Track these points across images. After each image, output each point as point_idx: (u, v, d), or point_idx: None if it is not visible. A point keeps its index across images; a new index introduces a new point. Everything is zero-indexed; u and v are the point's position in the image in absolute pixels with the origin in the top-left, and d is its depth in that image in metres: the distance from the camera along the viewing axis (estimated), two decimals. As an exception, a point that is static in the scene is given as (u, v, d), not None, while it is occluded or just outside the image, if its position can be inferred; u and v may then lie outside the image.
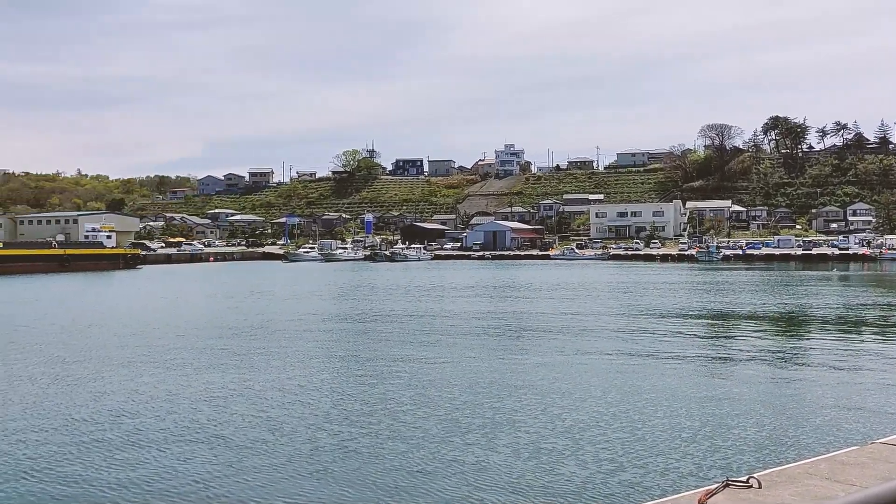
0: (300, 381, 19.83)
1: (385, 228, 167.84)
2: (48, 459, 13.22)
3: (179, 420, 15.85)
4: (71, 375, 20.96)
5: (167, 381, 19.97)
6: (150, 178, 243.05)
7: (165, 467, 12.75)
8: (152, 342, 27.49)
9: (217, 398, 17.89)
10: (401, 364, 22.53)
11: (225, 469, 12.66)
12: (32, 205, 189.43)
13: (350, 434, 14.71)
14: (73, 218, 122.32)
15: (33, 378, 20.61)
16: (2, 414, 16.49)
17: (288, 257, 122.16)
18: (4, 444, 14.21)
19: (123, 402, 17.52)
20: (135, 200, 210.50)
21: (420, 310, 39.68)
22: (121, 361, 23.25)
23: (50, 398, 18.06)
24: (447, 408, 16.77)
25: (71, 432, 14.98)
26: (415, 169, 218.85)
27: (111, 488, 11.79)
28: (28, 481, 12.14)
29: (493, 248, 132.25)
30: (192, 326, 32.56)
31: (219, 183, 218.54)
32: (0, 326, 32.86)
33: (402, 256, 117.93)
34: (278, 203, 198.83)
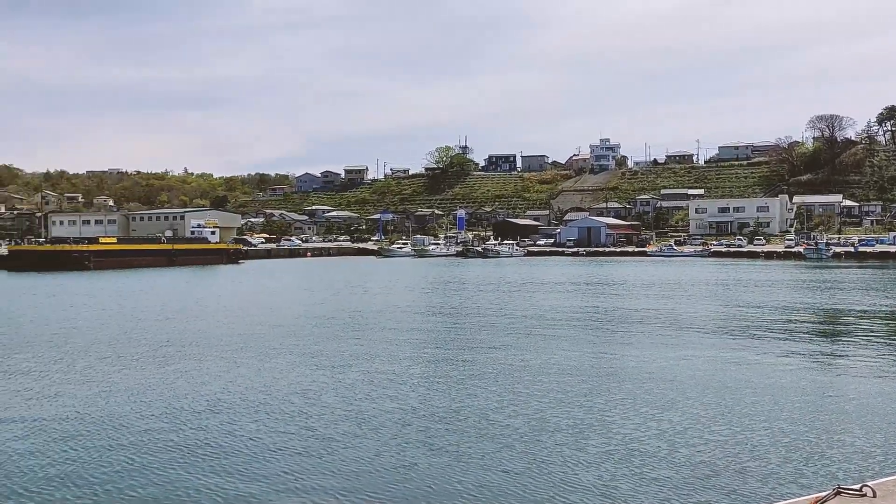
0: (389, 376, 19.93)
1: (477, 224, 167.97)
2: (150, 445, 13.73)
3: (272, 411, 16.18)
4: (175, 364, 21.82)
5: (262, 373, 20.48)
6: (251, 175, 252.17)
7: (258, 457, 13.01)
8: (251, 334, 28.33)
9: (309, 390, 18.19)
10: (489, 360, 22.32)
11: (313, 461, 12.80)
12: (144, 202, 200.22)
13: (437, 431, 14.61)
14: (180, 214, 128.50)
15: (140, 366, 21.58)
16: (109, 400, 17.30)
17: (381, 253, 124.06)
18: (111, 428, 14.88)
19: (221, 392, 18.06)
20: (237, 197, 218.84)
21: (510, 306, 39.35)
22: (220, 352, 24.04)
23: (153, 386, 18.82)
24: (536, 406, 16.44)
25: (171, 420, 15.54)
26: (507, 164, 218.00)
27: (205, 475, 12.11)
28: (132, 465, 12.64)
29: (587, 244, 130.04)
30: (289, 319, 33.39)
31: (316, 180, 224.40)
32: (114, 316, 34.68)
33: (494, 253, 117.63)
34: (372, 200, 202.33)
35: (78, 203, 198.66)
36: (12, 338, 27.66)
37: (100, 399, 17.41)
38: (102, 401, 17.23)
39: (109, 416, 15.90)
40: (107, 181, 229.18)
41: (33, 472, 12.34)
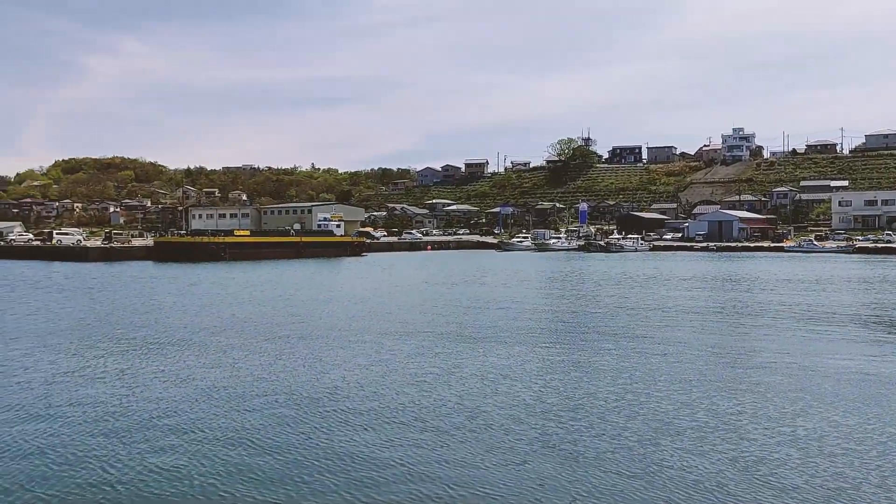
0: (503, 370, 19.66)
1: (600, 218, 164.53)
2: (270, 429, 14.14)
3: (387, 402, 16.30)
4: (297, 352, 22.50)
5: (379, 363, 20.73)
6: (374, 170, 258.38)
7: (371, 447, 13.10)
8: (369, 325, 28.84)
9: (423, 382, 18.21)
10: (607, 358, 21.59)
11: (425, 453, 12.74)
12: (274, 196, 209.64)
13: (549, 428, 14.22)
14: (307, 208, 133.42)
15: (266, 351, 22.39)
16: (235, 383, 18.01)
17: (501, 246, 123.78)
18: (236, 408, 15.45)
19: (339, 381, 18.40)
20: (360, 192, 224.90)
21: (631, 301, 38.07)
22: (339, 342, 24.59)
23: (277, 372, 19.45)
24: (656, 407, 15.71)
25: (293, 405, 15.97)
26: (632, 156, 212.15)
27: (318, 461, 12.31)
28: (251, 446, 13.03)
29: (717, 238, 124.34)
30: (408, 311, 33.78)
31: (436, 174, 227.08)
32: (245, 305, 36.32)
33: (617, 247, 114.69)
34: (492, 193, 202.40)
35: (215, 197, 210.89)
36: (155, 322, 29.47)
37: (227, 381, 18.15)
38: (230, 383, 17.95)
39: (235, 397, 16.56)
40: (241, 177, 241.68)
41: (168, 447, 12.96)
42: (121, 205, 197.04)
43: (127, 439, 13.61)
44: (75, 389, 17.60)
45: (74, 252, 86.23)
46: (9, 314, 32.90)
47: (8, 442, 13.46)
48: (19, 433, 14.00)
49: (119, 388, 17.68)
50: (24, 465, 12.24)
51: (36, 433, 14.01)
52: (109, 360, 21.43)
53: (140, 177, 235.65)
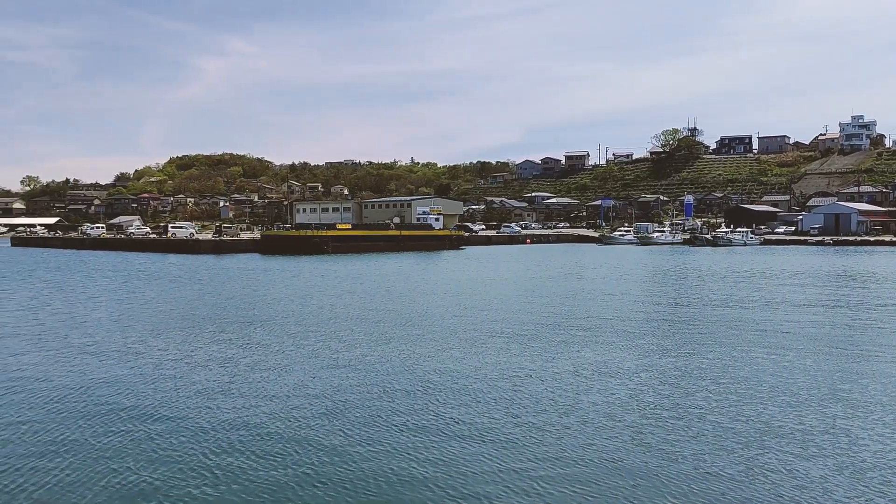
0: (599, 367, 19.17)
1: (707, 211, 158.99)
2: (363, 421, 14.30)
3: (479, 396, 16.19)
4: (393, 343, 22.73)
5: (472, 357, 20.66)
6: (473, 164, 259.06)
7: (462, 441, 13.02)
8: (465, 318, 28.81)
9: (515, 377, 18.00)
10: (710, 355, 20.70)
11: (517, 448, 12.57)
12: (374, 190, 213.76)
13: (646, 427, 13.74)
14: (406, 202, 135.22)
15: (361, 343, 22.73)
16: (331, 374, 18.36)
17: (602, 240, 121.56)
18: (331, 399, 15.73)
19: (431, 373, 18.45)
20: (459, 185, 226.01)
21: (736, 298, 36.43)
22: (435, 334, 24.68)
23: (371, 364, 19.69)
24: (761, 409, 14.93)
25: (386, 398, 16.12)
26: (742, 147, 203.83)
27: (408, 454, 12.33)
28: (344, 437, 13.22)
29: (834, 232, 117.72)
30: (503, 304, 33.56)
31: (535, 167, 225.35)
32: (345, 296, 37.09)
33: (725, 241, 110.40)
34: (593, 186, 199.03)
35: (318, 192, 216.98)
36: (259, 313, 30.51)
37: (324, 372, 18.53)
38: (326, 374, 18.31)
39: (330, 387, 16.86)
40: (343, 171, 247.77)
41: (266, 437, 13.32)
42: (230, 199, 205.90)
43: (227, 425, 14.07)
44: (182, 376, 18.39)
45: (187, 245, 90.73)
46: (125, 303, 34.86)
47: (118, 423, 14.17)
48: (130, 415, 14.72)
49: (221, 375, 18.34)
50: (141, 448, 12.84)
51: (145, 417, 14.70)
52: (213, 348, 22.30)
53: (248, 172, 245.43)
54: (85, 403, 15.68)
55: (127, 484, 11.13)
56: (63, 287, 44.02)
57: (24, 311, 32.17)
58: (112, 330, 26.09)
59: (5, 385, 17.36)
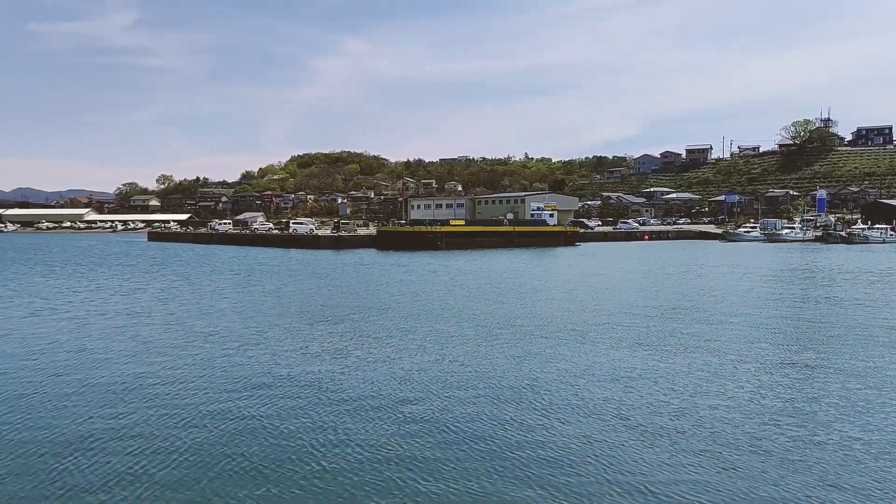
0: (715, 368, 18.24)
1: (841, 206, 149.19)
2: (467, 417, 14.24)
3: (588, 396, 15.76)
4: (501, 339, 22.56)
5: (581, 355, 20.20)
6: (589, 159, 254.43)
7: (569, 441, 12.70)
8: (577, 315, 28.23)
9: (627, 377, 17.42)
10: (836, 361, 19.27)
11: (626, 452, 12.15)
12: (488, 186, 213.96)
13: (765, 433, 12.93)
14: (520, 198, 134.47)
15: (468, 337, 22.68)
16: (437, 368, 18.41)
17: (726, 237, 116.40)
18: (436, 394, 15.76)
19: (539, 371, 18.15)
20: (574, 181, 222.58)
21: (871, 299, 33.80)
22: (545, 330, 24.30)
23: (479, 359, 19.61)
24: (891, 420, 13.65)
25: (492, 395, 15.99)
26: (881, 137, 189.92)
27: (511, 453, 12.13)
28: (448, 432, 13.19)
29: None
30: (617, 301, 32.66)
31: (654, 161, 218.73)
32: (456, 290, 37.24)
33: (861, 238, 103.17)
34: (716, 180, 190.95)
35: (432, 188, 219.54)
36: (372, 306, 31.13)
37: (431, 366, 18.61)
38: (433, 368, 18.38)
39: (438, 384, 16.87)
40: (456, 167, 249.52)
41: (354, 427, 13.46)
42: (348, 196, 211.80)
43: (335, 416, 14.34)
44: (295, 365, 18.96)
45: (307, 240, 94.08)
46: (248, 295, 36.42)
47: (231, 409, 14.71)
48: (245, 402, 15.28)
49: (332, 366, 18.78)
50: (247, 436, 13.27)
51: (258, 405, 15.21)
52: (327, 339, 22.90)
53: (365, 170, 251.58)
54: (206, 390, 16.41)
55: (243, 466, 11.51)
56: (192, 279, 46.57)
57: (155, 301, 34.23)
58: (234, 320, 27.29)
59: (134, 371, 18.44)
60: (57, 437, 13.06)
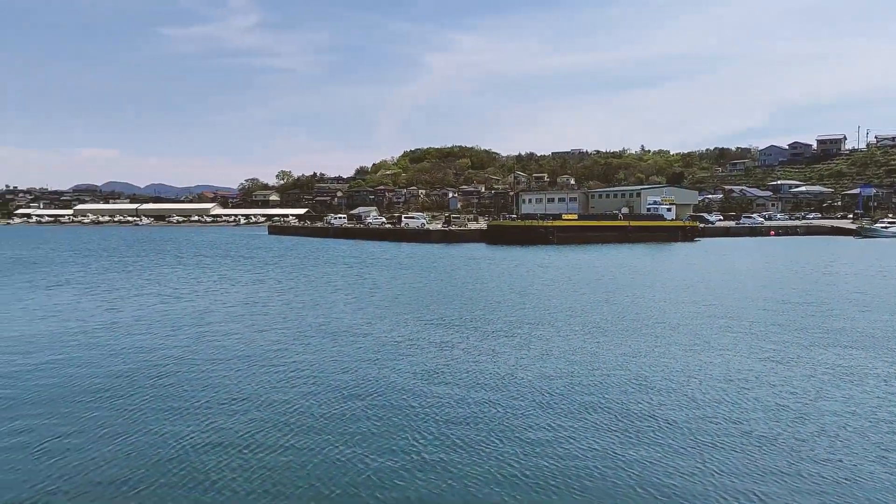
0: (840, 372, 17.04)
1: None
2: (568, 416, 13.91)
3: (697, 398, 15.09)
4: (608, 336, 21.98)
5: (693, 355, 19.39)
6: (710, 150, 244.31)
7: (675, 446, 12.14)
8: (691, 312, 27.11)
9: (740, 379, 16.56)
10: None
11: (739, 461, 11.48)
12: (602, 180, 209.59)
13: (893, 443, 11.78)
14: (636, 192, 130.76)
15: (576, 334, 22.22)
16: (540, 365, 18.10)
17: (861, 233, 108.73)
18: (536, 393, 15.48)
19: (645, 371, 17.55)
20: (694, 173, 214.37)
21: None
22: (654, 328, 23.51)
23: (582, 355, 19.16)
24: None
25: (597, 394, 15.57)
26: None
27: (606, 457, 11.67)
28: (546, 430, 12.88)
29: None
30: (736, 300, 31.07)
31: (782, 153, 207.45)
32: (563, 285, 36.59)
33: None
34: (850, 172, 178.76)
35: (544, 182, 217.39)
36: (479, 300, 31.12)
37: (535, 363, 18.34)
38: (537, 365, 18.10)
39: (541, 380, 16.60)
40: (569, 161, 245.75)
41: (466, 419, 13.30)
42: (458, 191, 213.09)
43: (436, 408, 14.37)
44: (401, 357, 19.16)
45: (419, 234, 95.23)
46: (358, 288, 37.18)
47: (341, 401, 14.98)
48: (351, 393, 15.57)
49: (437, 358, 18.85)
50: (356, 424, 13.41)
51: (364, 395, 15.46)
52: (433, 332, 23.04)
53: (475, 164, 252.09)
54: (314, 379, 16.80)
55: (342, 456, 11.67)
56: (306, 271, 48.07)
57: (272, 292, 35.53)
58: (344, 311, 27.95)
59: (247, 358, 19.13)
60: (182, 413, 13.72)
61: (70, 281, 41.67)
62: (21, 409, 14.29)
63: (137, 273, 47.63)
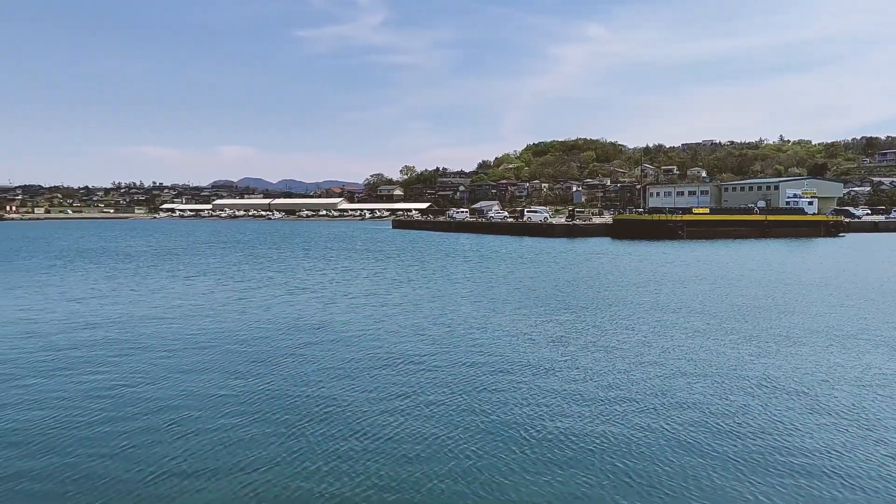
0: None
1: None
2: (684, 423, 13.14)
3: (829, 402, 13.89)
4: (734, 336, 20.71)
5: (829, 356, 17.95)
6: (856, 140, 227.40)
7: (807, 448, 11.27)
8: (830, 313, 25.31)
9: (881, 384, 15.04)
10: None
11: (871, 466, 10.27)
12: (735, 172, 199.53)
13: None
14: (773, 184, 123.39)
15: (695, 333, 21.05)
16: (663, 363, 17.21)
17: None
18: (650, 394, 14.69)
19: (774, 371, 16.40)
20: (838, 165, 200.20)
21: None
22: (788, 330, 21.99)
23: (701, 355, 18.10)
24: None
25: (712, 394, 14.64)
26: None
27: (744, 458, 10.97)
28: (658, 435, 12.22)
29: None
30: (886, 300, 28.28)
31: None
32: (691, 284, 34.81)
33: None
34: None
35: (673, 175, 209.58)
36: (601, 295, 30.22)
37: (651, 362, 17.52)
38: (653, 364, 17.28)
39: (656, 379, 15.80)
40: (700, 153, 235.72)
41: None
42: (582, 184, 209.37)
43: (544, 405, 13.89)
44: (515, 351, 18.77)
45: (541, 228, 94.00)
46: (477, 281, 36.98)
47: (455, 393, 14.82)
48: (466, 386, 15.34)
49: (552, 353, 18.33)
50: (471, 416, 13.03)
51: (480, 388, 15.18)
52: (549, 326, 22.56)
53: (601, 157, 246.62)
54: (425, 370, 16.78)
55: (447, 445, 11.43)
56: (427, 265, 48.29)
57: (393, 283, 35.90)
58: (461, 304, 27.95)
59: (363, 347, 19.35)
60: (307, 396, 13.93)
61: (206, 271, 43.72)
62: (165, 383, 14.93)
63: (268, 264, 49.44)
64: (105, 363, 17.39)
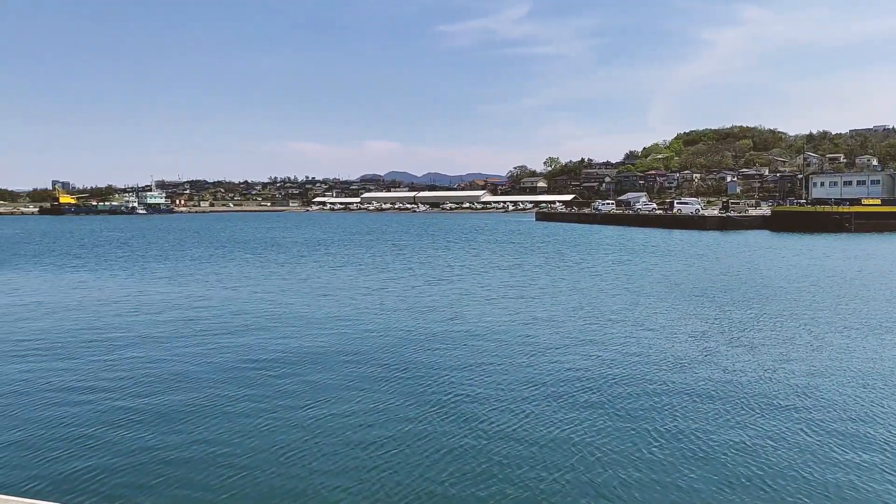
0: None
1: None
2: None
3: None
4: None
5: None
6: None
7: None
8: None
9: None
10: None
11: None
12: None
13: None
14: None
15: (848, 331, 19.33)
16: (809, 362, 15.94)
17: None
18: (811, 393, 13.62)
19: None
20: None
21: None
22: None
23: (856, 354, 16.58)
24: None
25: (869, 399, 13.38)
26: None
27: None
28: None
29: None
30: None
31: None
32: (855, 281, 32.31)
33: None
34: None
35: (839, 164, 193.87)
36: (753, 291, 28.59)
37: (801, 360, 16.25)
38: (804, 363, 16.02)
39: (805, 376, 14.60)
40: (871, 140, 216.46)
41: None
42: (738, 174, 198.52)
43: (677, 402, 13.26)
44: (654, 345, 17.99)
45: (692, 221, 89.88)
46: (614, 274, 35.90)
47: (550, 384, 14.39)
48: (582, 378, 14.85)
49: (690, 349, 17.43)
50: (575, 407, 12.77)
51: (596, 378, 14.65)
52: (692, 321, 21.52)
53: (758, 145, 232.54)
54: (555, 362, 16.37)
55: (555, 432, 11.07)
56: (566, 257, 47.50)
57: (530, 275, 35.53)
58: (599, 296, 27.33)
59: (495, 338, 19.23)
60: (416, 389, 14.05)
61: (350, 262, 45.11)
62: (299, 367, 15.54)
63: (409, 255, 50.35)
64: (254, 347, 18.23)
